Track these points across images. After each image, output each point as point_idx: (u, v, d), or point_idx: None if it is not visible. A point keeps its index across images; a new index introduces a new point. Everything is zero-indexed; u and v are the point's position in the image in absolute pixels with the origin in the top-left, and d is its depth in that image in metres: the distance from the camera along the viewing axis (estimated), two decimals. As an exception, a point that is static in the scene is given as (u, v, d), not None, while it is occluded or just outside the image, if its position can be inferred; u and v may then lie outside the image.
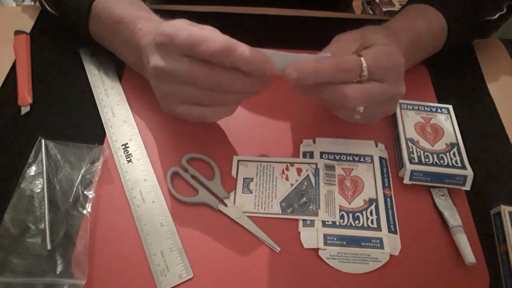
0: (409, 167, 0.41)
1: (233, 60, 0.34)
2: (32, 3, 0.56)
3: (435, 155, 0.42)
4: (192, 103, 0.38)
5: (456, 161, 0.42)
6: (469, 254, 0.37)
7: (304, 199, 0.41)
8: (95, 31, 0.47)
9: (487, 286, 0.37)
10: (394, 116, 0.46)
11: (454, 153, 0.42)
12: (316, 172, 0.43)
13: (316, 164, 0.43)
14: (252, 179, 0.42)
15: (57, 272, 0.36)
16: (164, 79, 0.37)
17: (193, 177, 0.42)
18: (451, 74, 0.53)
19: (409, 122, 0.45)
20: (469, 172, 0.41)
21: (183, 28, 0.35)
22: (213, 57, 0.34)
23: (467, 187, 0.41)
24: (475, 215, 0.41)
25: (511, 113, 0.49)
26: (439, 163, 0.41)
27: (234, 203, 0.41)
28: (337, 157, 0.44)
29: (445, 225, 0.40)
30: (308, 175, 0.42)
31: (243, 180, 0.42)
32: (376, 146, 0.45)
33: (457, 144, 0.43)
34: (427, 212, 0.41)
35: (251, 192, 0.42)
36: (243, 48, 0.34)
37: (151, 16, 0.44)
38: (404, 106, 0.46)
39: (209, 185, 0.41)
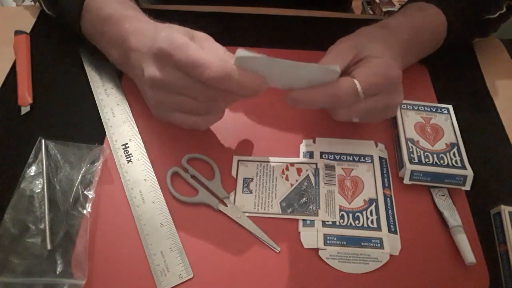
0: (409, 167, 0.41)
1: (227, 87, 0.35)
2: (32, 3, 0.56)
3: (435, 155, 0.42)
4: (186, 112, 0.39)
5: (456, 161, 0.42)
6: (469, 254, 0.37)
7: (304, 199, 0.41)
8: (86, 30, 0.47)
9: (487, 286, 0.37)
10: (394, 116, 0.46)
11: (454, 153, 0.42)
12: (316, 172, 0.43)
13: (316, 164, 0.43)
14: (252, 179, 0.42)
15: (57, 272, 0.36)
16: (160, 89, 0.38)
17: (193, 177, 0.42)
18: (451, 74, 0.53)
19: (409, 122, 0.45)
20: (469, 172, 0.41)
21: (182, 46, 0.35)
22: (207, 83, 0.35)
23: (467, 187, 0.41)
24: (475, 215, 0.41)
25: (511, 113, 0.49)
26: (439, 163, 0.41)
27: (234, 203, 0.41)
28: (337, 157, 0.44)
29: (445, 225, 0.40)
30: (308, 175, 0.43)
31: (243, 180, 0.42)
32: (376, 146, 0.45)
33: (457, 144, 0.43)
34: (427, 212, 0.41)
35: (251, 192, 0.42)
36: (237, 78, 0.34)
37: (139, 16, 0.44)
38: (404, 106, 0.46)
39: (209, 185, 0.41)
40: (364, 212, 0.40)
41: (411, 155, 0.42)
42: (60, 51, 0.52)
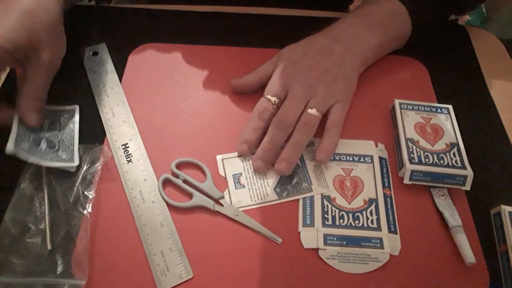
0: (409, 167, 0.41)
1: None
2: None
3: (435, 155, 0.42)
4: None
5: (456, 161, 0.42)
6: (469, 254, 0.37)
7: (296, 179, 0.42)
8: None
9: (487, 286, 0.37)
10: (394, 116, 0.46)
11: (454, 153, 0.42)
12: None
13: None
14: (241, 174, 0.43)
15: (57, 272, 0.36)
16: None
17: (185, 181, 0.42)
18: (451, 74, 0.53)
19: (409, 122, 0.45)
20: (469, 172, 0.41)
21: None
22: None
23: (467, 187, 0.41)
24: (475, 215, 0.41)
25: (511, 113, 0.49)
26: (439, 163, 0.41)
27: (230, 202, 0.41)
28: (337, 157, 0.44)
29: (445, 225, 0.40)
30: None
31: (233, 177, 0.43)
32: (376, 146, 0.45)
33: (457, 144, 0.43)
34: (427, 212, 0.41)
35: (244, 187, 0.42)
36: None
37: None
38: (404, 106, 0.46)
39: (202, 188, 0.41)
40: (364, 212, 0.40)
41: (411, 155, 0.42)
42: (60, 51, 0.52)
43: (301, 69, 0.44)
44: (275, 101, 0.43)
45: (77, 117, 0.45)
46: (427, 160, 0.42)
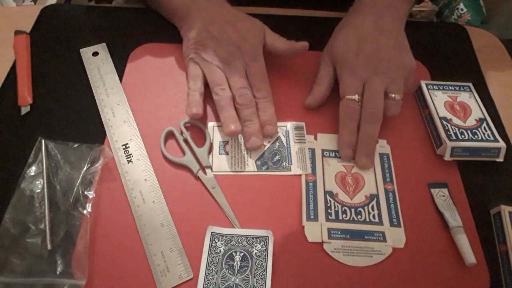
0: (449, 144, 0.42)
1: None
2: (32, 3, 0.56)
3: (468, 131, 0.44)
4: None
5: (488, 135, 0.44)
6: (469, 255, 0.37)
7: (277, 157, 0.44)
8: None
9: (487, 286, 0.37)
10: (422, 96, 0.48)
11: (484, 128, 0.44)
12: (287, 134, 0.46)
13: (286, 126, 0.46)
14: (228, 142, 0.45)
15: (57, 272, 0.36)
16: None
17: (185, 140, 0.44)
18: (451, 74, 0.53)
19: (438, 101, 0.46)
20: (501, 144, 0.43)
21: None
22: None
23: (501, 158, 0.43)
24: (475, 215, 0.41)
25: (511, 113, 0.49)
26: (473, 138, 0.43)
27: (211, 169, 0.43)
28: (338, 154, 0.44)
29: (445, 226, 0.40)
30: (279, 137, 0.45)
31: (219, 143, 0.44)
32: (377, 142, 0.45)
33: (485, 119, 0.45)
34: (427, 212, 0.41)
35: (227, 154, 0.44)
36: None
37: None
38: (430, 87, 0.48)
39: (196, 151, 0.43)
40: (365, 207, 0.41)
41: (448, 132, 0.43)
42: (60, 51, 0.52)
43: (368, 58, 0.44)
44: (358, 98, 0.43)
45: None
46: (462, 136, 0.43)
